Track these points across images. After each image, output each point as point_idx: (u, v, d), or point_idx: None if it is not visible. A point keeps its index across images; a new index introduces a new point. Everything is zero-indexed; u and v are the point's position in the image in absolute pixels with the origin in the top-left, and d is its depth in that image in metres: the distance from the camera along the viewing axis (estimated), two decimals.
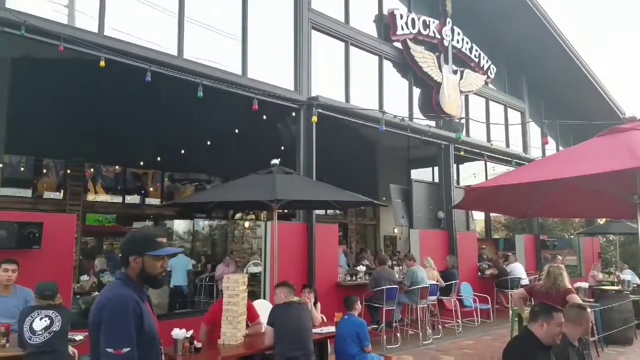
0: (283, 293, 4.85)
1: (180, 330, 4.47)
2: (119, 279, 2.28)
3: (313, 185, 6.74)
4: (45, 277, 4.55)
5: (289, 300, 4.80)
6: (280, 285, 4.96)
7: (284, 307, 4.74)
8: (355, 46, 9.80)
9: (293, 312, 4.73)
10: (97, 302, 2.20)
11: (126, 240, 2.32)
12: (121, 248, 2.33)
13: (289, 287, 4.93)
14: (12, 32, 5.45)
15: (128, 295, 2.18)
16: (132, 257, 2.25)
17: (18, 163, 13.59)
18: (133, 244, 2.27)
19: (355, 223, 18.88)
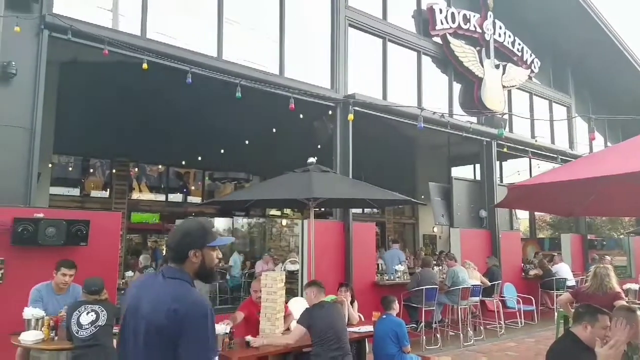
0: (313, 292, 4.81)
1: (221, 326, 4.54)
2: (185, 280, 2.03)
3: (349, 183, 6.70)
4: (91, 273, 4.70)
5: (320, 301, 4.77)
6: (309, 285, 4.93)
7: (317, 308, 4.71)
8: (393, 42, 9.68)
9: (327, 312, 4.70)
10: (172, 306, 1.90)
11: (183, 234, 2.09)
12: (177, 243, 2.08)
13: (317, 286, 4.90)
14: (59, 36, 5.69)
15: (207, 301, 2.00)
16: (192, 251, 2.04)
17: (67, 163, 14.22)
18: (192, 237, 2.07)
19: (393, 222, 18.69)
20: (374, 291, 8.02)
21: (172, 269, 2.06)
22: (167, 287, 2.02)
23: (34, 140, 5.47)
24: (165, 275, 2.05)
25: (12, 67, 5.28)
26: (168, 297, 1.96)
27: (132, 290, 2.15)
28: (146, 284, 2.14)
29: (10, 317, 4.47)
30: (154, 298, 1.98)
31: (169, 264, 2.08)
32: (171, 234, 2.17)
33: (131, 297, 2.07)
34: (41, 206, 6.12)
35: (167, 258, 2.13)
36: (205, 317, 1.92)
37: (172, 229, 2.24)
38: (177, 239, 2.09)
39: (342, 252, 7.88)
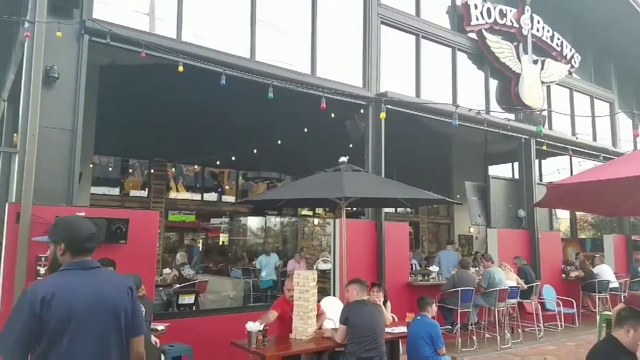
0: (355, 290, 4.83)
1: (254, 323, 4.60)
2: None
3: (381, 182, 6.64)
4: (130, 270, 4.83)
5: (361, 298, 4.77)
6: (353, 282, 4.94)
7: (357, 305, 4.71)
8: (427, 39, 9.55)
9: (366, 310, 4.69)
10: (127, 285, 2.28)
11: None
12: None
13: (360, 283, 4.90)
14: (99, 41, 5.87)
15: None
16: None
17: (107, 163, 14.71)
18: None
19: (427, 222, 18.45)
20: (407, 292, 7.94)
21: (90, 261, 2.26)
22: (107, 275, 2.35)
23: (75, 141, 5.66)
24: (92, 266, 2.24)
25: (54, 71, 5.48)
26: (118, 280, 2.29)
27: (64, 295, 2.08)
28: (80, 281, 2.17)
29: None
30: (110, 285, 2.21)
31: (84, 258, 2.24)
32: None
33: (74, 299, 2.08)
34: (83, 205, 6.34)
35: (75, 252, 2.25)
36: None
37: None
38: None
39: (374, 251, 7.83)
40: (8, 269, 5.05)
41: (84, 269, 2.22)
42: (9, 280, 5.01)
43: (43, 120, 5.37)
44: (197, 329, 5.99)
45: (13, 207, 5.17)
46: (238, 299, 9.79)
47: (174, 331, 5.11)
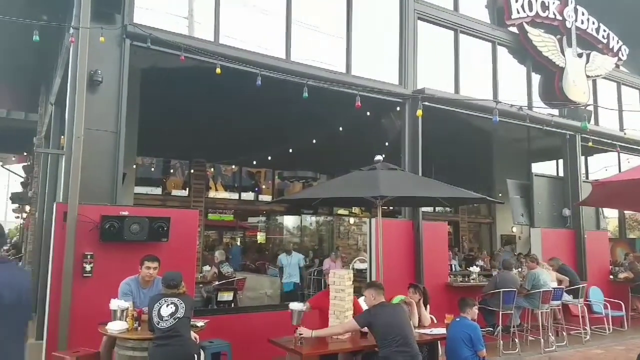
0: (371, 294, 4.71)
1: (299, 303, 4.95)
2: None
3: (418, 181, 6.53)
4: (171, 267, 4.96)
5: (380, 302, 4.68)
6: (367, 287, 4.85)
7: (378, 308, 4.63)
8: (466, 34, 9.34)
9: (389, 311, 4.61)
10: (27, 280, 2.79)
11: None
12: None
13: (376, 287, 4.81)
14: (140, 45, 6.05)
15: None
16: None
17: (150, 164, 15.18)
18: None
19: (467, 221, 18.07)
20: (446, 293, 7.80)
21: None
22: (17, 268, 3.03)
23: (119, 142, 5.85)
24: (4, 262, 2.78)
25: (98, 75, 5.69)
26: (23, 272, 3.18)
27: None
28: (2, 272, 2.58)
29: (98, 308, 4.83)
30: (23, 276, 2.71)
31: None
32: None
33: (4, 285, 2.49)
34: (126, 204, 6.54)
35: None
36: None
37: None
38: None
39: (411, 251, 7.73)
40: (56, 266, 5.28)
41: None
42: (57, 277, 5.24)
43: (88, 122, 5.59)
44: (235, 326, 6.09)
45: (60, 207, 5.39)
46: (275, 297, 9.89)
47: (213, 327, 5.20)
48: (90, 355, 4.76)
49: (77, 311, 5.21)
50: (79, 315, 5.19)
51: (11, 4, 7.16)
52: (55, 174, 8.82)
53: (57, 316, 5.17)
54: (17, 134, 13.52)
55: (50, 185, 9.23)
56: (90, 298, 5.19)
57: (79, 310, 5.20)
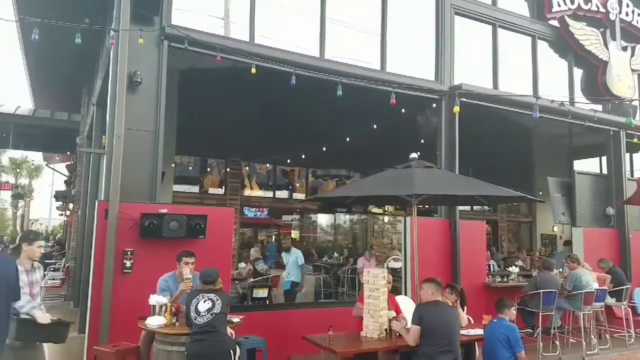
0: (430, 290, 4.70)
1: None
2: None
3: (455, 179, 6.41)
4: (208, 264, 5.03)
5: (436, 299, 4.64)
6: (428, 282, 4.81)
7: (431, 305, 4.59)
8: (504, 28, 9.10)
9: (441, 311, 4.56)
10: (12, 267, 3.72)
11: None
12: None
13: (436, 283, 4.76)
14: (177, 46, 6.17)
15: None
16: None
17: (187, 163, 15.54)
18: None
19: (506, 220, 17.65)
20: (484, 293, 7.64)
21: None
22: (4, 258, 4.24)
23: (158, 142, 5.99)
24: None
25: (137, 76, 5.84)
26: (9, 260, 3.90)
27: None
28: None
29: (137, 303, 4.97)
30: (8, 264, 3.71)
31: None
32: None
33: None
34: (165, 202, 6.69)
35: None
36: None
37: None
38: None
39: (448, 251, 7.60)
40: (98, 262, 5.46)
41: None
42: (99, 273, 5.42)
43: (128, 122, 5.74)
44: (270, 323, 6.14)
45: (102, 204, 5.57)
46: (309, 294, 9.92)
47: (248, 324, 5.25)
48: (129, 349, 4.90)
49: (117, 306, 5.37)
50: (119, 310, 5.35)
51: (55, 9, 7.45)
52: (97, 173, 9.12)
53: (98, 311, 5.34)
54: (61, 134, 14.07)
55: (92, 183, 9.57)
56: (130, 293, 5.34)
57: (119, 305, 5.36)
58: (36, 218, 44.01)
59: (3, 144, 17.18)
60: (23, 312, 3.93)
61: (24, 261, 4.14)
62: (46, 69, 11.47)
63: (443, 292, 5.13)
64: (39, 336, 4.13)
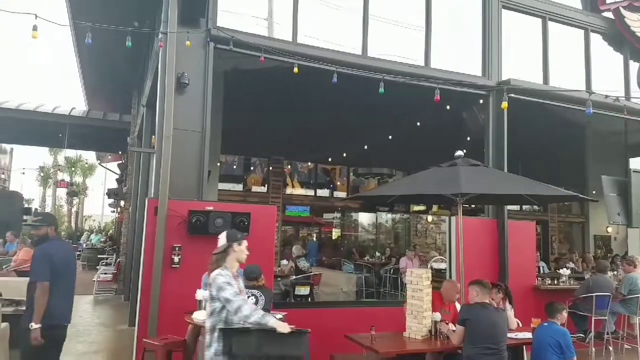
0: (476, 291, 4.61)
1: (436, 314, 4.87)
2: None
3: (503, 177, 6.20)
4: (251, 260, 5.06)
5: (482, 301, 4.54)
6: (474, 283, 4.72)
7: (477, 307, 4.50)
8: (555, 21, 8.75)
9: (487, 313, 4.46)
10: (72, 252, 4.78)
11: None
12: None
13: (482, 285, 4.65)
14: (222, 47, 6.30)
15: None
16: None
17: (232, 162, 15.85)
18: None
19: (557, 220, 17.00)
20: (533, 296, 7.39)
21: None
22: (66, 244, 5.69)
23: (204, 142, 6.14)
24: (58, 239, 4.57)
25: (185, 77, 6.01)
26: (69, 246, 5.72)
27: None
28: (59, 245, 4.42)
29: (185, 298, 5.11)
30: (69, 249, 4.71)
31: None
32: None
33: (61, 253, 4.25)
34: (211, 200, 6.84)
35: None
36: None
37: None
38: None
39: (495, 252, 7.40)
40: (148, 257, 5.65)
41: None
42: (148, 268, 5.61)
43: (176, 123, 5.91)
44: (312, 320, 6.14)
45: (152, 202, 5.77)
46: (351, 293, 9.90)
47: (290, 320, 5.25)
48: (177, 342, 5.05)
49: (165, 300, 5.54)
50: (167, 304, 5.52)
51: (106, 13, 7.77)
52: (147, 171, 9.45)
53: (148, 305, 5.53)
54: (113, 134, 14.66)
55: (142, 181, 9.92)
56: (178, 288, 5.50)
57: (167, 300, 5.54)
58: (89, 214, 46.09)
59: (59, 144, 18.07)
60: (252, 321, 3.23)
61: (230, 264, 3.52)
62: (99, 72, 11.98)
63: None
64: (278, 349, 3.27)
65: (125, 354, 6.48)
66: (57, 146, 23.84)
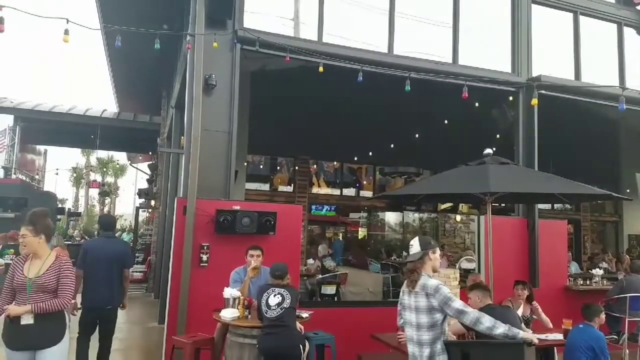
0: (477, 296, 4.47)
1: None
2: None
3: (534, 176, 6.06)
4: (278, 258, 5.15)
5: (486, 304, 4.42)
6: (472, 289, 4.61)
7: (486, 310, 4.38)
8: (587, 15, 8.50)
9: (497, 315, 4.34)
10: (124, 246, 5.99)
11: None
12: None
13: (481, 289, 4.55)
14: (249, 48, 6.35)
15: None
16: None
17: (259, 162, 15.98)
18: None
19: (590, 219, 16.54)
20: (564, 297, 7.22)
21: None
22: (117, 240, 6.24)
23: (231, 142, 6.21)
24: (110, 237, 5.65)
25: (212, 79, 6.08)
26: (121, 242, 6.76)
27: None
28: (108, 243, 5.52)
29: (213, 296, 5.18)
30: (119, 244, 5.78)
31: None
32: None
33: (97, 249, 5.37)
34: (238, 199, 6.92)
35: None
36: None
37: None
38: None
39: (525, 252, 7.25)
40: (177, 256, 5.75)
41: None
42: (177, 266, 5.72)
43: (204, 124, 6.00)
44: (338, 319, 6.17)
45: (181, 201, 5.87)
46: (378, 293, 9.85)
47: (317, 319, 5.31)
48: (205, 340, 5.12)
49: (194, 298, 5.63)
50: (195, 302, 5.60)
51: (135, 16, 7.94)
52: (176, 172, 9.62)
53: (176, 302, 5.63)
54: (143, 135, 14.99)
55: (172, 181, 10.10)
56: (206, 286, 5.59)
57: (196, 298, 5.62)
58: (121, 214, 47.22)
59: (91, 145, 18.58)
60: (498, 333, 3.19)
61: (428, 273, 3.38)
62: (129, 74, 12.25)
63: (513, 289, 4.90)
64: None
65: (155, 351, 6.61)
66: (90, 147, 24.50)
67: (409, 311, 3.39)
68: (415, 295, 3.31)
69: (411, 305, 3.36)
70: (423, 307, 3.27)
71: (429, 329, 3.25)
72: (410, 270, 3.37)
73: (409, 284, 3.38)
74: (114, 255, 5.33)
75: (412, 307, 3.36)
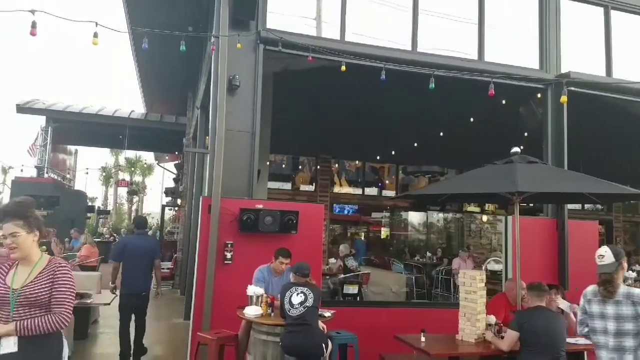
0: (531, 296, 4.45)
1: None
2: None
3: (563, 175, 5.91)
4: (300, 258, 5.17)
5: (536, 305, 4.36)
6: (529, 289, 4.54)
7: (535, 312, 4.32)
8: (618, 9, 8.23)
9: (544, 317, 4.27)
10: (153, 242, 7.23)
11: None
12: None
13: (536, 289, 4.46)
14: (272, 49, 6.38)
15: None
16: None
17: (281, 161, 16.07)
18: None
19: (622, 220, 16.07)
20: None
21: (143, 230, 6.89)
22: (148, 236, 7.48)
23: (254, 142, 6.25)
24: (143, 234, 6.79)
25: (236, 80, 6.13)
26: (150, 238, 7.91)
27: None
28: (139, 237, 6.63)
29: (237, 293, 5.22)
30: (149, 240, 6.95)
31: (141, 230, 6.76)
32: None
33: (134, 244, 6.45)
34: (261, 198, 6.96)
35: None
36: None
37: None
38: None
39: (554, 253, 7.06)
40: (202, 253, 5.82)
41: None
42: (202, 264, 5.78)
43: (228, 124, 6.05)
44: (361, 319, 6.14)
45: (206, 200, 5.94)
46: (401, 293, 9.78)
47: (339, 319, 5.30)
48: (229, 336, 5.18)
49: (218, 295, 5.69)
50: (220, 299, 5.66)
51: (161, 19, 8.07)
52: (201, 171, 9.75)
53: (202, 299, 5.70)
54: (170, 136, 15.24)
55: (197, 180, 10.24)
56: (230, 284, 5.64)
57: (221, 295, 5.68)
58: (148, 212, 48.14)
59: (119, 145, 19.00)
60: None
61: (620, 280, 3.62)
62: (155, 76, 12.48)
63: (548, 295, 4.78)
64: None
65: (181, 347, 6.71)
66: (118, 147, 25.05)
67: (600, 319, 3.55)
68: (615, 304, 3.48)
69: (607, 313, 3.51)
70: (628, 315, 3.43)
71: (635, 336, 3.40)
72: (607, 281, 3.55)
73: (606, 294, 3.53)
74: (146, 249, 6.41)
75: (608, 315, 3.51)
